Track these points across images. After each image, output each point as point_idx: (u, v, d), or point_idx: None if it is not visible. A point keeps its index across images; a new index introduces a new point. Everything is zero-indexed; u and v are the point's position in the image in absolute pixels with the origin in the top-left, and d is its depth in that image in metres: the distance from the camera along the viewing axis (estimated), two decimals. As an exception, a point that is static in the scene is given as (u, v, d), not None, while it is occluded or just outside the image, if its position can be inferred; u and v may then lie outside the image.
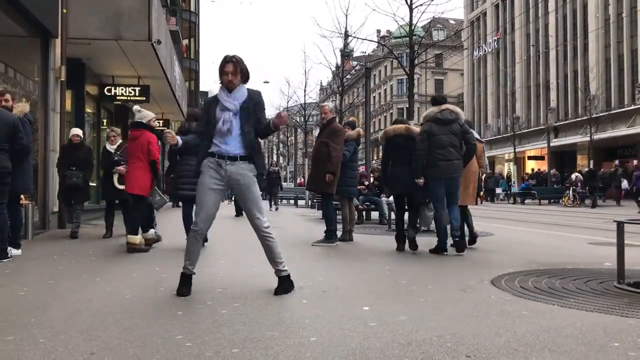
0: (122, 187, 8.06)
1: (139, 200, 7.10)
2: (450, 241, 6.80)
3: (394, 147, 7.31)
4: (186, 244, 4.36)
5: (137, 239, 6.97)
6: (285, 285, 4.34)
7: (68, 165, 8.60)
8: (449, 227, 6.85)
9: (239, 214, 14.57)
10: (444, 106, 6.94)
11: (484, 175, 38.31)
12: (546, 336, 3.13)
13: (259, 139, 4.48)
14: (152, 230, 7.45)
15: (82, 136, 9.08)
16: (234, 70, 4.20)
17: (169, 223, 11.54)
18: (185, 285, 4.24)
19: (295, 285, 4.44)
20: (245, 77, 4.31)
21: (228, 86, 4.24)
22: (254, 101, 4.28)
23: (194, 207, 4.38)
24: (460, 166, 6.87)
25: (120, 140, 9.05)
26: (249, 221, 4.39)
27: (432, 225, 7.51)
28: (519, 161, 42.04)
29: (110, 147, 8.89)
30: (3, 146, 5.89)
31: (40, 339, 3.04)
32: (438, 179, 6.81)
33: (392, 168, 7.34)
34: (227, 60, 4.24)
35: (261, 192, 4.51)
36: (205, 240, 6.82)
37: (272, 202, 20.34)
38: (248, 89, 4.33)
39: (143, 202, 7.19)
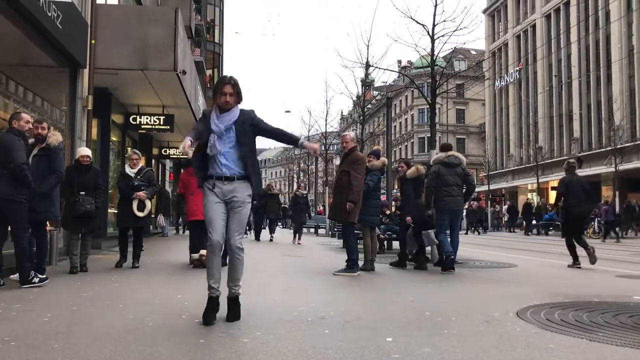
0: (141, 214, 8.06)
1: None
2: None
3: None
4: (206, 261, 4.41)
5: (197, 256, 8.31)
6: (236, 307, 4.38)
7: (77, 190, 7.52)
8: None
9: (257, 238, 14.48)
10: (450, 152, 8.64)
11: (506, 206, 38.03)
12: (575, 371, 3.05)
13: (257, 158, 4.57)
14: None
15: (91, 157, 8.03)
16: (232, 91, 4.28)
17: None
18: (211, 311, 4.25)
19: (316, 315, 4.39)
20: (240, 98, 4.37)
21: (224, 106, 4.29)
22: (245, 117, 4.35)
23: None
24: (461, 201, 8.58)
25: (142, 164, 8.57)
26: (226, 237, 4.34)
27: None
28: (542, 192, 41.56)
29: (130, 171, 8.31)
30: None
31: (63, 365, 3.05)
32: (443, 211, 8.40)
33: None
34: (225, 81, 4.32)
35: (280, 220, 4.57)
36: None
37: (297, 236, 16.54)
38: (240, 110, 4.38)
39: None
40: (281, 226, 29.32)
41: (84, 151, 7.95)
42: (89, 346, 3.48)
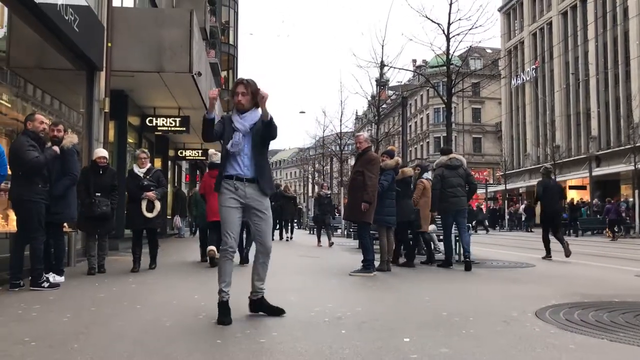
0: (150, 215, 7.82)
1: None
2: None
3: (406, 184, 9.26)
4: (219, 265, 4.44)
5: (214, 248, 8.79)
6: (268, 305, 4.54)
7: (94, 191, 7.51)
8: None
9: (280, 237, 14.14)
10: (451, 155, 9.06)
11: (523, 206, 37.62)
12: (596, 371, 3.01)
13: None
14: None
15: (108, 158, 8.05)
16: (244, 90, 4.38)
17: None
18: (224, 314, 4.27)
19: (333, 315, 4.39)
20: (256, 100, 4.41)
21: (238, 107, 4.42)
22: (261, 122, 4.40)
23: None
24: (465, 201, 8.94)
25: (150, 164, 8.26)
26: (255, 241, 4.54)
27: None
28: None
29: (139, 171, 8.02)
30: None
31: (82, 365, 3.07)
32: (448, 212, 8.84)
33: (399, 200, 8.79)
34: (238, 82, 4.47)
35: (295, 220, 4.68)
36: (246, 261, 8.69)
37: (327, 236, 15.39)
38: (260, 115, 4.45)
39: None
40: (297, 227, 29.31)
41: (101, 152, 7.91)
42: (107, 346, 3.50)
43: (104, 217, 7.56)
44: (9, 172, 5.90)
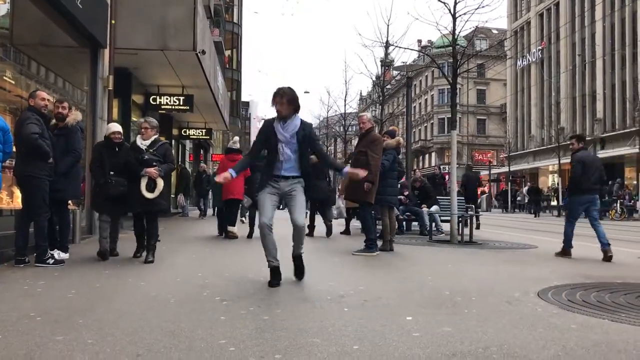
0: (151, 195, 6.58)
1: (237, 203, 10.45)
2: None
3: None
4: (262, 241, 5.08)
5: (235, 229, 10.22)
6: (302, 264, 5.35)
7: (109, 170, 6.78)
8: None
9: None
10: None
11: (526, 188, 37.64)
12: (597, 350, 3.04)
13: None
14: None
15: (122, 133, 7.20)
16: (282, 100, 4.89)
17: (206, 230, 11.71)
18: (275, 277, 5.05)
19: (336, 294, 4.43)
20: (294, 106, 4.96)
21: (278, 114, 4.95)
22: (306, 131, 5.02)
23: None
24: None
25: (156, 136, 6.97)
26: (292, 218, 5.08)
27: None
28: (563, 173, 41.08)
29: (142, 143, 6.84)
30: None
31: (88, 340, 3.11)
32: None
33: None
34: (276, 93, 4.95)
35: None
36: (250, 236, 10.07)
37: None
38: (302, 121, 5.04)
39: (238, 204, 10.58)
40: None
41: (115, 127, 7.10)
42: (112, 322, 3.54)
43: (123, 197, 6.76)
44: (14, 149, 5.91)
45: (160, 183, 6.68)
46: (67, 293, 4.51)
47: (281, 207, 5.54)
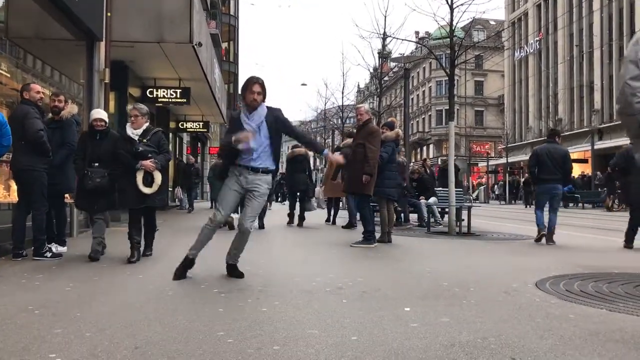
0: (148, 190, 6.06)
1: None
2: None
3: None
4: (202, 232, 5.03)
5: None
6: (237, 270, 5.04)
7: (90, 160, 6.22)
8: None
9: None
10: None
11: (524, 179, 37.68)
12: (595, 340, 3.04)
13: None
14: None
15: (107, 121, 6.55)
16: (260, 90, 4.77)
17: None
18: (184, 268, 4.93)
19: (334, 285, 4.43)
20: (264, 97, 4.85)
21: (252, 104, 4.79)
22: (275, 116, 4.87)
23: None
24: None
25: (147, 123, 6.36)
26: (241, 219, 4.98)
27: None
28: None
29: (133, 132, 6.19)
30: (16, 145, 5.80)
31: (86, 333, 3.11)
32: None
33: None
34: (254, 80, 4.80)
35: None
36: (262, 227, 10.46)
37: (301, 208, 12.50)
38: (267, 107, 4.89)
39: None
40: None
41: (97, 113, 6.51)
42: (110, 314, 3.53)
43: (99, 190, 6.15)
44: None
45: (158, 176, 6.15)
46: (65, 286, 4.51)
47: (279, 199, 5.50)
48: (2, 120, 5.49)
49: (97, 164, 6.19)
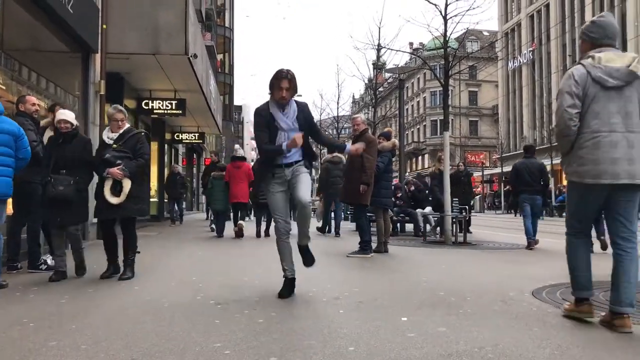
0: (115, 200, 5.47)
1: (243, 205, 12.06)
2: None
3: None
4: (278, 248, 4.72)
5: (243, 224, 11.43)
6: (309, 253, 4.79)
7: (56, 166, 5.57)
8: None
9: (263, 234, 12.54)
10: (334, 154, 11.66)
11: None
12: (592, 349, 3.04)
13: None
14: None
15: (75, 123, 5.77)
16: (288, 86, 4.43)
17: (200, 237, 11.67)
18: (287, 287, 4.66)
19: (331, 296, 4.42)
20: (295, 91, 4.55)
21: (281, 102, 4.46)
22: (304, 114, 4.60)
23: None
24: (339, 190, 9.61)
25: (128, 125, 5.82)
26: (297, 197, 4.53)
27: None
28: (556, 174, 41.24)
29: (108, 137, 5.69)
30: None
31: (82, 345, 3.09)
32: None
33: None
34: (283, 76, 4.44)
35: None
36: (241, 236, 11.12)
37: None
38: (296, 102, 4.61)
39: (244, 206, 12.38)
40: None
41: (61, 114, 5.74)
42: (106, 326, 3.51)
43: (58, 200, 5.41)
44: None
45: (127, 185, 5.52)
46: (60, 299, 4.48)
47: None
48: (18, 132, 5.23)
49: (64, 171, 5.54)
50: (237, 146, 12.38)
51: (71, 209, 5.50)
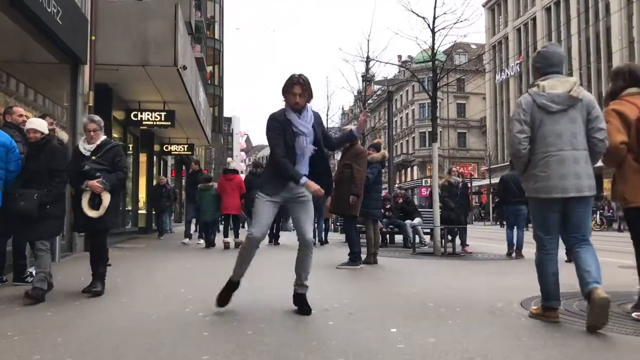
0: (94, 213, 5.26)
1: (236, 217, 12.00)
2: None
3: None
4: (243, 253, 4.54)
5: (229, 240, 11.44)
6: (307, 303, 4.41)
7: (24, 178, 5.23)
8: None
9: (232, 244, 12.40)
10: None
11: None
12: (583, 359, 3.04)
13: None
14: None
15: (46, 132, 5.42)
16: (301, 92, 4.24)
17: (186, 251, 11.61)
18: (230, 290, 4.50)
19: (321, 307, 4.40)
20: (310, 97, 4.36)
21: (295, 107, 4.28)
22: (317, 122, 4.43)
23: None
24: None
25: (104, 137, 5.55)
26: (300, 232, 4.41)
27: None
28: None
29: (85, 148, 5.44)
30: None
31: (67, 358, 3.05)
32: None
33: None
34: (295, 81, 4.25)
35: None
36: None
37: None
38: (309, 109, 4.42)
39: (236, 218, 12.07)
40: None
41: (30, 124, 5.45)
42: (92, 339, 3.47)
43: (23, 216, 5.04)
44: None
45: (107, 198, 5.32)
46: (46, 311, 4.43)
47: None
48: (9, 145, 5.12)
49: (33, 183, 5.19)
50: (229, 159, 12.68)
51: (32, 225, 5.11)
